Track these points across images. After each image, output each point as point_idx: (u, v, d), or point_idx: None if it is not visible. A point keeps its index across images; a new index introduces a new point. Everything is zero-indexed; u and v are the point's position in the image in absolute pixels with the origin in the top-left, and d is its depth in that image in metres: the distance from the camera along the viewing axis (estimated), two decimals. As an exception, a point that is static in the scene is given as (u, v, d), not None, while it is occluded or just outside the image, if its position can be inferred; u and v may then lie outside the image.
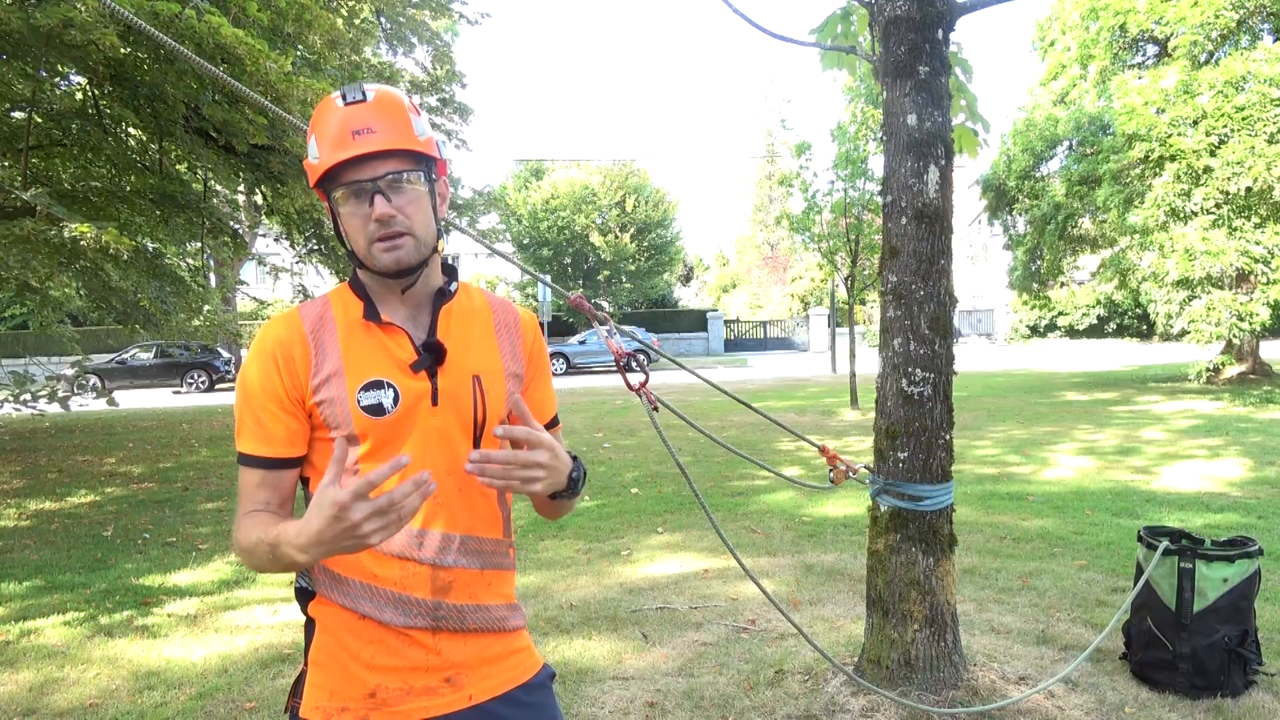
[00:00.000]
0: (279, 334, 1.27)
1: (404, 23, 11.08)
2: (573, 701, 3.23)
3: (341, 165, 1.21)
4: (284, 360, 1.25)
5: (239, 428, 1.28)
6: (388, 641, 1.25)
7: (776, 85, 69.13)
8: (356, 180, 1.21)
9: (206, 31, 5.86)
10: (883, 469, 3.12)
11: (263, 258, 12.79)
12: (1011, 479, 7.31)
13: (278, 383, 1.25)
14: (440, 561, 1.27)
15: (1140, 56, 15.97)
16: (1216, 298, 12.48)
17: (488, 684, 1.31)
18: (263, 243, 20.42)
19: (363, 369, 1.25)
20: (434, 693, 1.27)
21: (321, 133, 1.24)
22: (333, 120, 1.23)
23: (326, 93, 6.83)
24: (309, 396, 1.25)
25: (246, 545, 1.20)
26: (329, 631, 1.28)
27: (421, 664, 1.26)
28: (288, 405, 1.25)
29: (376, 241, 1.22)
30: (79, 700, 3.38)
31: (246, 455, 1.26)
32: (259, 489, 1.26)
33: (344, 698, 1.25)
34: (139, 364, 23.55)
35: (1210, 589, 3.12)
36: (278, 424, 1.25)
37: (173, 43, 1.81)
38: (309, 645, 1.30)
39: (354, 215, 1.23)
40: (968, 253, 39.69)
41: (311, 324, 1.28)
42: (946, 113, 3.09)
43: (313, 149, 1.26)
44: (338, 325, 1.28)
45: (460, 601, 1.29)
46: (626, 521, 6.24)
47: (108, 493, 8.07)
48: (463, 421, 1.29)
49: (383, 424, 1.24)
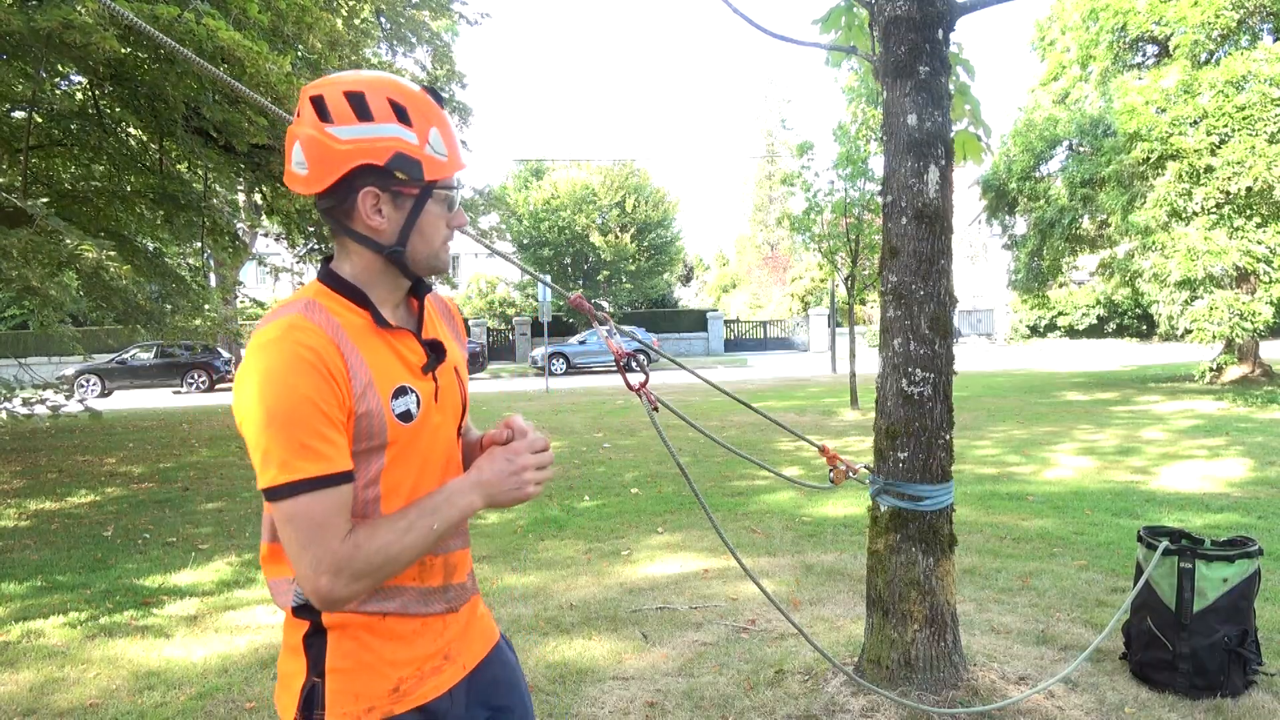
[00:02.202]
0: (312, 342, 1.15)
1: (404, 23, 11.08)
2: (573, 701, 3.23)
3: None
4: (334, 370, 1.15)
5: (291, 456, 1.10)
6: (408, 633, 1.29)
7: (776, 85, 69.25)
8: (450, 186, 1.27)
9: (205, 35, 5.87)
10: (883, 469, 3.12)
11: (263, 258, 12.79)
12: (1011, 479, 7.31)
13: (332, 393, 1.14)
14: (447, 548, 1.34)
15: (1140, 57, 15.96)
16: (1219, 297, 12.49)
17: (471, 650, 1.39)
18: (263, 242, 20.43)
19: (389, 376, 1.23)
20: (439, 671, 1.33)
21: (444, 131, 1.24)
22: (445, 122, 1.25)
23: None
24: (355, 409, 1.18)
25: (393, 550, 1.16)
26: (348, 637, 1.25)
27: (429, 647, 1.32)
28: (342, 418, 1.16)
29: (444, 246, 1.30)
30: (79, 700, 3.39)
31: (323, 476, 1.12)
32: (339, 514, 1.14)
33: (369, 698, 1.26)
34: (139, 364, 23.56)
35: (1210, 589, 3.12)
36: (341, 434, 1.15)
37: (173, 44, 1.81)
38: (319, 657, 1.25)
39: (439, 217, 1.27)
40: (968, 253, 39.69)
41: (331, 331, 1.18)
42: (946, 113, 3.09)
43: (437, 144, 1.22)
44: (348, 332, 1.21)
45: (461, 580, 1.38)
46: (626, 521, 6.24)
47: (108, 493, 8.07)
48: (454, 414, 1.35)
49: (409, 430, 1.24)
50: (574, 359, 26.84)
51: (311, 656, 1.26)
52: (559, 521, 6.27)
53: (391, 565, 1.18)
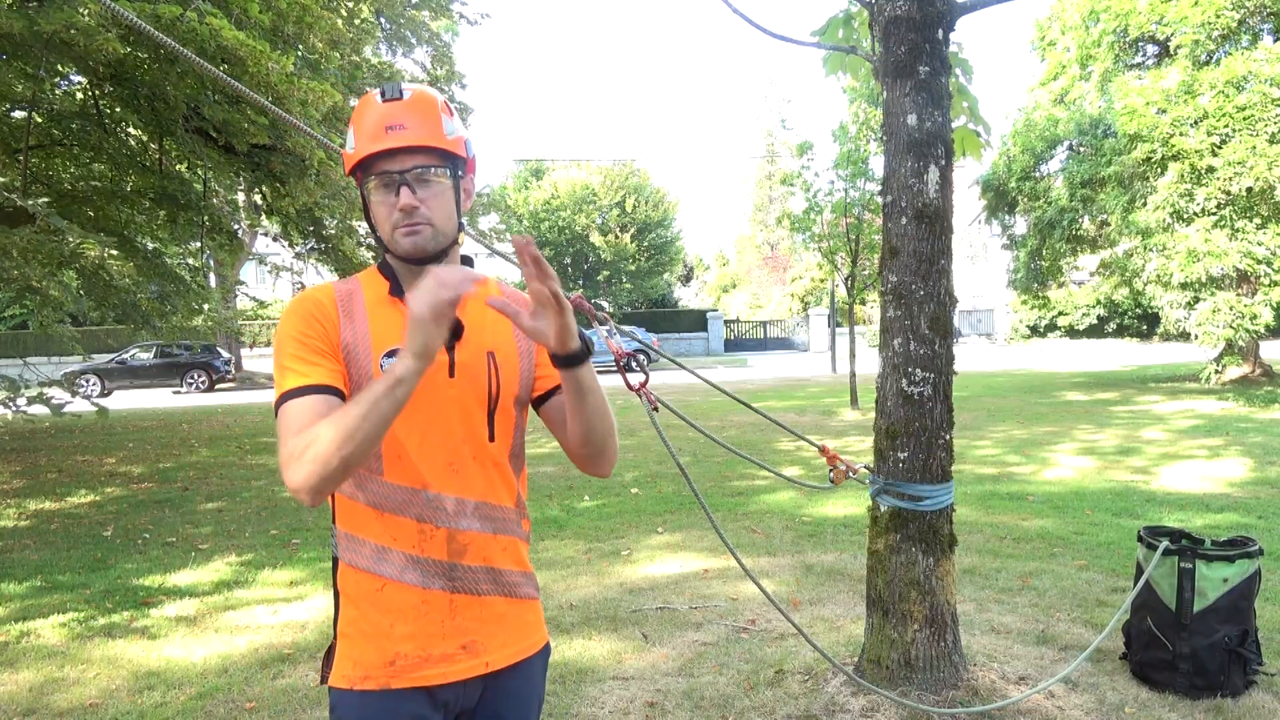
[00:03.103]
0: (314, 296, 1.37)
1: (404, 23, 11.08)
2: (573, 701, 3.23)
3: (374, 156, 1.32)
4: (320, 315, 1.33)
5: (279, 379, 1.28)
6: (407, 609, 1.31)
7: (776, 85, 69.18)
8: (386, 171, 1.32)
9: (208, 34, 5.87)
10: (883, 469, 3.12)
11: (263, 257, 12.79)
12: (1011, 479, 7.31)
13: (318, 328, 1.32)
14: (456, 525, 1.34)
15: (1141, 57, 15.95)
16: (1221, 299, 12.49)
17: (504, 652, 1.38)
18: (263, 242, 20.43)
19: (386, 339, 1.33)
20: (451, 659, 1.33)
21: (359, 125, 1.34)
22: (370, 115, 1.33)
23: (327, 93, 6.84)
24: (339, 348, 1.32)
25: (319, 431, 1.17)
26: (353, 603, 1.34)
27: (438, 630, 1.32)
28: (329, 348, 1.31)
29: (398, 229, 1.32)
30: (79, 700, 3.38)
31: (295, 389, 1.25)
32: (314, 415, 1.22)
33: (366, 666, 1.31)
34: (139, 364, 23.56)
35: (1210, 589, 3.12)
36: (324, 360, 1.30)
37: (174, 44, 1.81)
38: (337, 618, 1.38)
39: (382, 203, 1.33)
40: (968, 253, 39.67)
41: (342, 295, 1.38)
42: (946, 113, 3.09)
43: (350, 139, 1.37)
44: (365, 301, 1.37)
45: (475, 563, 1.35)
46: (626, 521, 6.23)
47: (108, 493, 8.07)
48: (478, 394, 1.37)
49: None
50: (574, 359, 26.76)
51: (336, 616, 1.39)
52: (559, 521, 6.27)
53: (322, 445, 1.15)
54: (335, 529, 1.38)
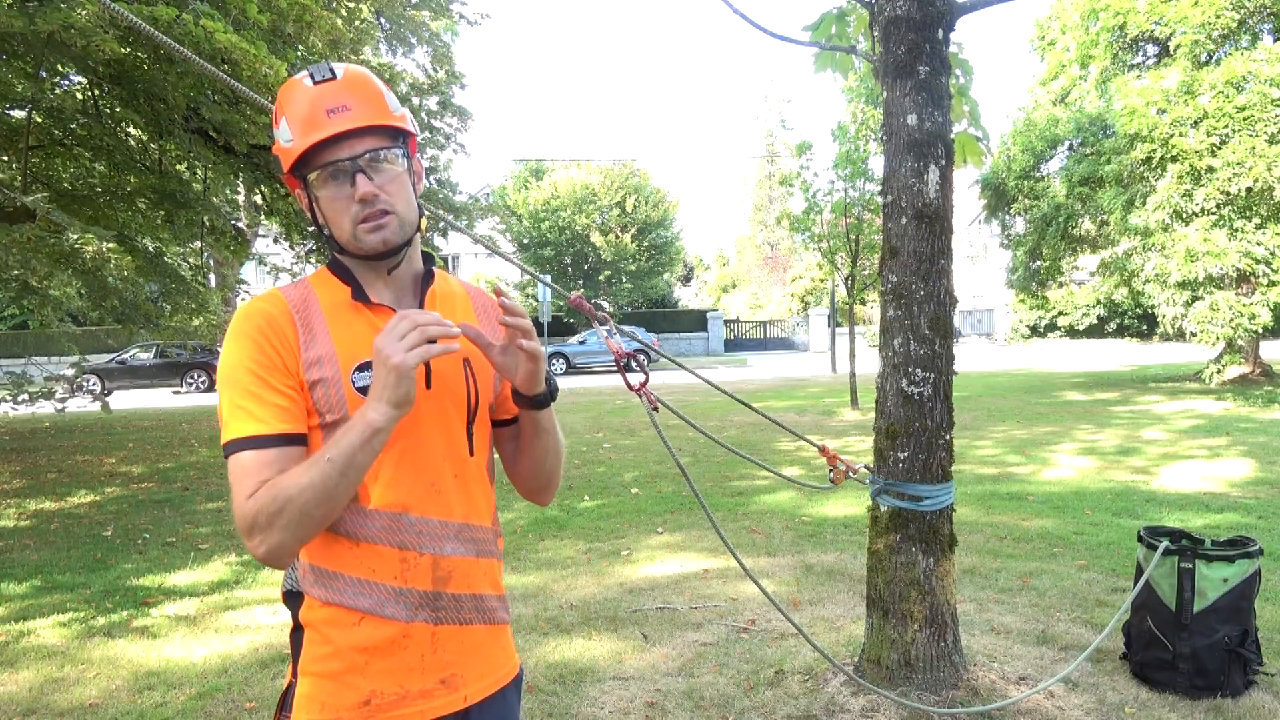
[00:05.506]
0: (263, 309, 1.19)
1: (403, 23, 11.06)
2: (573, 701, 3.23)
3: (317, 146, 1.17)
4: (274, 335, 1.17)
5: (229, 418, 1.14)
6: (384, 643, 1.20)
7: (776, 85, 69.19)
8: (335, 160, 1.17)
9: (203, 36, 5.87)
10: (883, 469, 3.12)
11: (263, 258, 12.79)
12: (1011, 479, 7.31)
13: (272, 355, 1.16)
14: (440, 550, 1.23)
15: (1140, 57, 15.96)
16: (1220, 298, 12.49)
17: (482, 683, 1.29)
18: (263, 243, 20.43)
19: (355, 351, 1.20)
20: (430, 695, 1.22)
21: (292, 114, 1.19)
22: (303, 100, 1.18)
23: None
24: (303, 374, 1.18)
25: (289, 494, 1.08)
26: (322, 636, 1.21)
27: (417, 665, 1.22)
28: (286, 380, 1.16)
29: (361, 223, 1.18)
30: (79, 700, 3.38)
31: (248, 438, 1.13)
32: (274, 472, 1.12)
33: (336, 708, 1.19)
34: (139, 364, 23.54)
35: (1210, 589, 3.12)
36: (279, 397, 1.15)
37: (173, 44, 1.81)
38: (297, 655, 1.24)
39: (335, 198, 1.19)
40: (968, 253, 39.69)
41: (296, 305, 1.21)
42: (946, 113, 3.09)
43: (283, 132, 1.20)
44: (323, 307, 1.22)
45: (459, 591, 1.26)
46: (626, 521, 6.23)
47: (108, 493, 8.07)
48: (457, 405, 1.27)
49: None
50: (574, 359, 26.83)
51: (294, 653, 1.24)
52: (559, 521, 6.27)
53: (296, 509, 1.08)
54: (298, 562, 1.25)
